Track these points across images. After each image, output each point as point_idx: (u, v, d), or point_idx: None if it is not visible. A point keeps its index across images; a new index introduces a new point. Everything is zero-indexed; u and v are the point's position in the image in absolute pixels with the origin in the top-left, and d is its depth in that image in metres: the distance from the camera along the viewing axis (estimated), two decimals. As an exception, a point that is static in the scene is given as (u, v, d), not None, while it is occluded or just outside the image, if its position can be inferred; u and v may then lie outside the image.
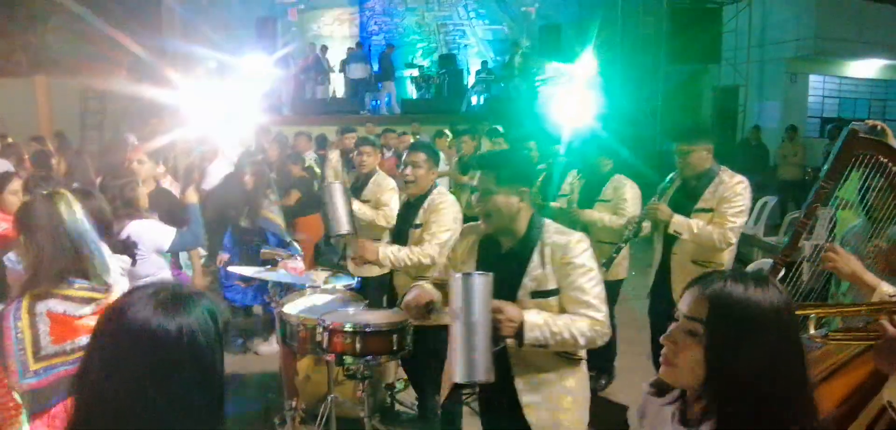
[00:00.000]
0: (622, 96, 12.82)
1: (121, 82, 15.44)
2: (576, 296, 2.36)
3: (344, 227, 3.92)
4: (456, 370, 2.09)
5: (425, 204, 3.70)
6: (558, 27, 16.56)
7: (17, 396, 1.39)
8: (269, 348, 5.56)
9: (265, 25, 15.80)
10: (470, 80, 16.57)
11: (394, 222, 4.24)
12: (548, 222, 2.51)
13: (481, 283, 2.10)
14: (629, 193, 4.52)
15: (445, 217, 3.60)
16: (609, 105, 11.42)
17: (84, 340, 2.32)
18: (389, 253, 3.54)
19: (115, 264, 2.57)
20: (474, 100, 15.57)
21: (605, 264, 3.80)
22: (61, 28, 16.86)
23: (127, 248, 2.85)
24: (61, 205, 2.29)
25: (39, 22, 16.83)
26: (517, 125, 10.78)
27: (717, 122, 13.72)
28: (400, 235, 3.89)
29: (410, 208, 3.82)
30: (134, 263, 2.97)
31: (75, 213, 2.31)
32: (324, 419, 3.69)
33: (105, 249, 2.48)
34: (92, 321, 2.31)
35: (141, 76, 15.01)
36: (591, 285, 2.36)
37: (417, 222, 3.70)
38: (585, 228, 4.15)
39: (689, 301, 1.32)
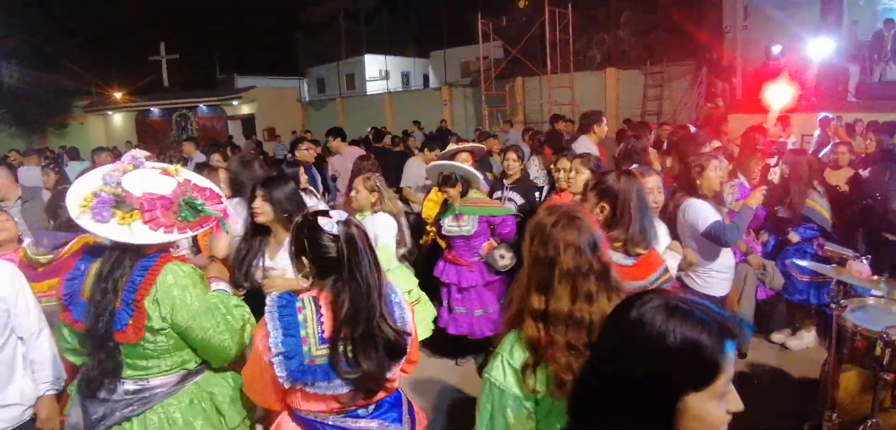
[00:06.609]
0: None
1: (680, 69, 16.32)
2: None
3: None
4: None
5: None
6: None
7: None
8: (799, 343, 5.33)
9: (830, 1, 14.24)
10: None
11: None
12: None
13: None
14: None
15: None
16: None
17: None
18: None
19: None
20: None
21: None
22: (630, 24, 18.80)
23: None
24: None
25: (611, 20, 19.15)
26: None
27: None
28: None
29: None
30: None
31: None
32: (860, 443, 3.32)
33: None
34: None
35: (701, 62, 15.55)
36: None
37: None
38: None
39: None
